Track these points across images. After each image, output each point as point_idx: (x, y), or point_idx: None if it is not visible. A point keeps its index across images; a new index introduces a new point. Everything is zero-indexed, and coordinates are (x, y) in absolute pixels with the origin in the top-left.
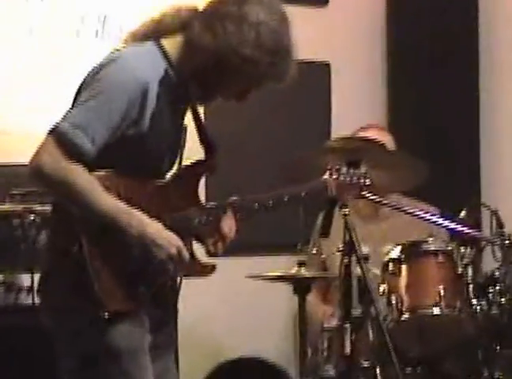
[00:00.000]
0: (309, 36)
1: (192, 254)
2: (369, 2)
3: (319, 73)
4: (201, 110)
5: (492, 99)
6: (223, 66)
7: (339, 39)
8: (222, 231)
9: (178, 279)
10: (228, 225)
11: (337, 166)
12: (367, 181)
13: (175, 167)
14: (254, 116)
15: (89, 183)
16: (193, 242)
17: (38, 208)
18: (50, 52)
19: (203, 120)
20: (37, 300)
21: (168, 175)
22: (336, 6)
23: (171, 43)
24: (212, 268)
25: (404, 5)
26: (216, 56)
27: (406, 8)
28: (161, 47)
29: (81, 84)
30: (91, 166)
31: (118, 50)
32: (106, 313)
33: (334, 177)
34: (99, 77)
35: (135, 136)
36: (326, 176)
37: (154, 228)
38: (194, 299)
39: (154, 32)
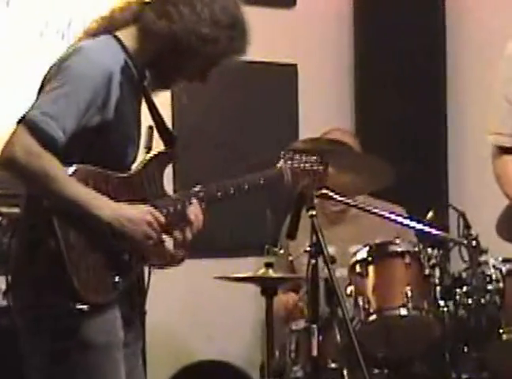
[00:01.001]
0: (276, 38)
1: (162, 242)
2: (336, 3)
3: (286, 75)
4: (159, 105)
5: (459, 102)
6: (183, 49)
7: (306, 41)
8: (189, 219)
9: (146, 280)
10: (194, 213)
11: (290, 154)
12: (320, 168)
13: (138, 160)
14: (222, 118)
15: (61, 171)
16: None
17: (4, 210)
18: (15, 55)
19: (161, 113)
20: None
21: (133, 167)
22: (304, 8)
23: (126, 35)
24: (182, 258)
25: (372, 5)
26: (175, 40)
27: (373, 9)
28: (118, 39)
29: (44, 78)
30: (59, 156)
31: (73, 46)
32: (86, 306)
33: (288, 164)
34: (64, 68)
35: (100, 124)
36: (281, 163)
37: (123, 208)
38: (161, 300)
39: (106, 28)
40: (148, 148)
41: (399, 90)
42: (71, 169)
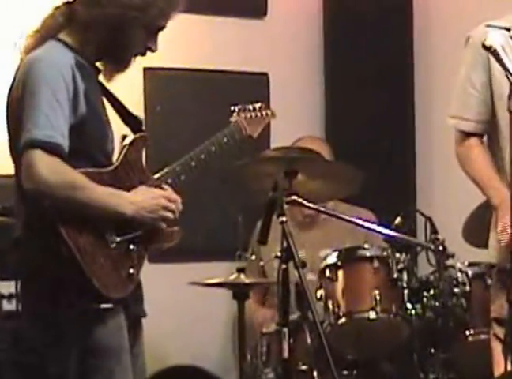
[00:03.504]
0: (248, 47)
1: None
2: (307, 14)
3: (258, 84)
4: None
5: (427, 111)
6: (123, 26)
7: (277, 51)
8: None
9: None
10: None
11: (239, 107)
12: (268, 112)
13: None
14: (194, 125)
15: (83, 178)
16: None
17: None
18: None
19: (121, 101)
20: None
21: (115, 159)
22: (275, 18)
23: (68, 35)
24: (178, 232)
25: (342, 15)
26: (113, 21)
27: (343, 19)
28: (61, 41)
29: (8, 102)
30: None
31: (22, 61)
32: (110, 305)
33: (242, 116)
34: (30, 84)
35: (78, 120)
36: (234, 117)
37: (141, 200)
38: None
39: (45, 36)
40: (124, 137)
41: (368, 98)
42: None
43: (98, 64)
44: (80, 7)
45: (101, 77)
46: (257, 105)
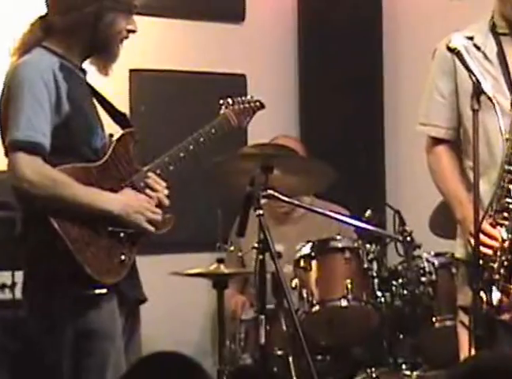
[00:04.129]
0: (227, 50)
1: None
2: (282, 19)
3: (236, 84)
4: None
5: (395, 112)
6: (104, 18)
7: (254, 53)
8: (156, 188)
9: None
10: (155, 181)
11: (228, 100)
12: (257, 104)
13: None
14: (175, 124)
15: (67, 178)
16: None
17: None
18: None
19: (109, 100)
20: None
21: (105, 154)
22: (252, 23)
23: (51, 44)
24: (170, 219)
25: (315, 21)
26: (93, 18)
27: (317, 23)
28: (47, 48)
29: None
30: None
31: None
32: (104, 290)
33: (230, 108)
34: (14, 86)
35: (63, 118)
36: (223, 110)
37: (127, 200)
38: None
39: (28, 50)
40: (111, 135)
41: (340, 99)
42: (60, 168)
43: (88, 63)
44: (57, 17)
45: (89, 78)
46: (245, 97)
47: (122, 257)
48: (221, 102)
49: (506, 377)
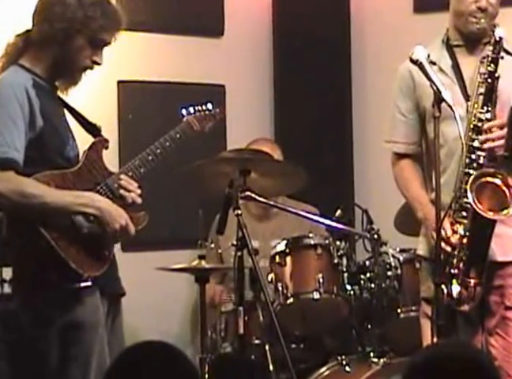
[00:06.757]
0: (207, 62)
1: (125, 209)
2: (258, 34)
3: (216, 94)
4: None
5: (362, 117)
6: (71, 40)
7: (233, 65)
8: (129, 189)
9: None
10: (128, 182)
11: (190, 108)
12: (216, 111)
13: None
14: (161, 132)
15: (41, 185)
16: None
17: None
18: None
19: (80, 112)
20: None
21: (79, 160)
22: (231, 37)
23: (27, 59)
24: (144, 217)
25: (288, 37)
26: (61, 36)
27: (290, 39)
28: (21, 65)
29: None
30: (23, 171)
31: None
32: (89, 283)
33: (192, 115)
34: None
35: (37, 133)
36: (186, 117)
37: (105, 206)
38: None
39: (8, 63)
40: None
41: (312, 106)
42: (35, 176)
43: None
44: (34, 28)
45: (80, 90)
46: (205, 106)
47: (106, 253)
48: (183, 111)
49: (461, 363)
